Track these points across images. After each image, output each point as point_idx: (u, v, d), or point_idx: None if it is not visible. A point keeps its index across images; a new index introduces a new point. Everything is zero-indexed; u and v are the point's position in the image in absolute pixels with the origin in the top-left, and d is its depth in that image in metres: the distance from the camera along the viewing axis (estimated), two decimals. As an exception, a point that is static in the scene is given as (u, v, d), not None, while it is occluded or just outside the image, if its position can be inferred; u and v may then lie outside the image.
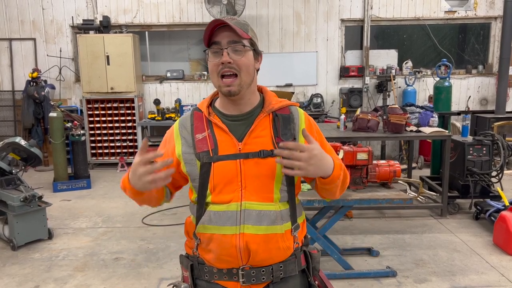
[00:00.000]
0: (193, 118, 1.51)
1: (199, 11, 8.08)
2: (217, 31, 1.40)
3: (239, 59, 1.40)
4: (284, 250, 1.46)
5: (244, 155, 1.41)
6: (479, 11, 8.13)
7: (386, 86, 7.90)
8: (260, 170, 1.41)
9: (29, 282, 3.65)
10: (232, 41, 1.39)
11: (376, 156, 7.72)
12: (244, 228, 1.39)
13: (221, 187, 1.42)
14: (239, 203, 1.40)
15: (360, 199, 3.55)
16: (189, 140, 1.48)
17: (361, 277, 3.63)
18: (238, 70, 1.40)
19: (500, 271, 3.69)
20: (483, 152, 5.07)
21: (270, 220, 1.41)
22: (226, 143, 1.43)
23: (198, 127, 1.48)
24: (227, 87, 1.40)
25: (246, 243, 1.39)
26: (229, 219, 1.40)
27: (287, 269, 1.47)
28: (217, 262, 1.45)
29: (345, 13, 8.14)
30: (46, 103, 7.56)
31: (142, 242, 4.47)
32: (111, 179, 7.18)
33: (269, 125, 1.46)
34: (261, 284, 1.45)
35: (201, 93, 8.31)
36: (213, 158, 1.42)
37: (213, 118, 1.48)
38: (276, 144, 1.43)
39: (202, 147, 1.44)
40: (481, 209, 4.80)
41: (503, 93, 7.71)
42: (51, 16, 8.16)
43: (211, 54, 1.42)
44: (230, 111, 1.48)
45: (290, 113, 1.51)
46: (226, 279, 1.45)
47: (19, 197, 4.27)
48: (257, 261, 1.42)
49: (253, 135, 1.44)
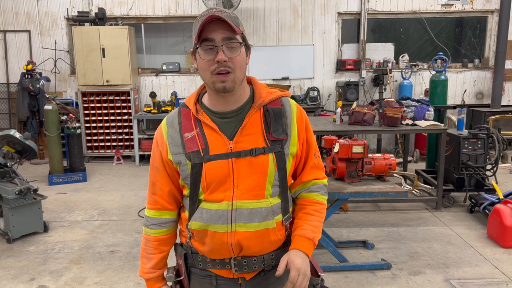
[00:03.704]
0: (181, 116, 1.47)
1: (195, 3, 8.03)
2: (209, 25, 1.32)
3: (235, 58, 1.34)
4: (276, 242, 1.47)
5: (236, 154, 1.38)
6: (476, 4, 8.12)
7: (382, 79, 7.90)
8: (252, 168, 1.39)
9: (24, 274, 3.66)
10: (227, 37, 1.32)
11: (371, 150, 7.74)
12: (236, 227, 1.39)
13: (213, 186, 1.40)
14: (230, 203, 1.39)
15: (356, 192, 3.56)
16: (177, 140, 1.43)
17: (356, 269, 3.65)
18: (233, 68, 1.34)
19: (493, 264, 3.73)
20: (478, 145, 5.09)
21: (261, 216, 1.40)
22: (217, 142, 1.40)
23: (186, 126, 1.44)
24: (222, 83, 1.34)
25: (238, 240, 1.40)
26: (220, 218, 1.39)
27: (279, 256, 1.47)
28: (210, 253, 1.47)
29: (342, 6, 8.11)
30: (41, 96, 7.52)
31: (138, 235, 4.47)
32: (106, 172, 7.16)
33: (260, 121, 1.43)
34: (253, 272, 1.47)
35: (197, 86, 8.26)
36: (204, 158, 1.39)
37: (201, 116, 1.43)
38: (268, 141, 1.40)
39: (192, 147, 1.40)
40: (476, 202, 4.83)
41: (499, 87, 7.72)
42: (46, 8, 8.09)
43: (203, 52, 1.34)
44: (219, 108, 1.43)
45: (282, 107, 1.47)
46: (219, 268, 1.48)
47: (14, 190, 4.25)
48: (249, 253, 1.44)
49: (244, 133, 1.40)
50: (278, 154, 1.42)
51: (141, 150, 7.69)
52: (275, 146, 1.41)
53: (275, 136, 1.42)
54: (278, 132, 1.43)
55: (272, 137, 1.41)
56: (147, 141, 7.66)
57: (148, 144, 7.61)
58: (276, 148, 1.41)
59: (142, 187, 6.20)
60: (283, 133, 1.43)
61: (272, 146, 1.41)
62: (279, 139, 1.42)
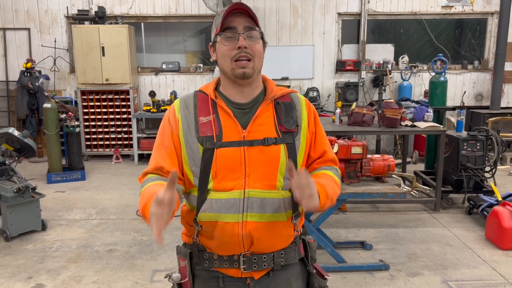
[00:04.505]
0: (197, 99, 1.48)
1: (195, 2, 8.02)
2: (231, 16, 1.39)
3: (254, 45, 1.39)
4: (286, 238, 1.46)
5: (249, 143, 1.39)
6: (476, 6, 8.13)
7: (382, 80, 7.90)
8: (264, 158, 1.40)
9: (22, 273, 3.65)
10: (248, 27, 1.39)
11: (370, 151, 7.74)
12: (247, 216, 1.38)
13: (223, 174, 1.38)
14: (242, 191, 1.38)
15: (354, 193, 3.56)
16: (191, 121, 1.43)
17: (354, 270, 3.65)
18: (253, 56, 1.39)
19: (491, 266, 3.73)
20: (477, 147, 5.10)
21: (273, 207, 1.40)
22: (231, 129, 1.41)
23: (203, 109, 1.45)
24: (242, 69, 1.38)
25: (249, 231, 1.38)
26: (232, 207, 1.37)
27: (288, 256, 1.47)
28: (218, 248, 1.43)
29: (342, 6, 8.11)
30: (40, 94, 7.51)
31: (136, 234, 4.47)
32: (105, 171, 7.15)
33: (272, 113, 1.46)
34: (262, 271, 1.44)
35: (196, 86, 8.27)
36: (216, 144, 1.39)
37: (219, 101, 1.45)
38: (280, 132, 1.43)
39: (206, 131, 1.40)
40: (474, 204, 4.83)
41: (498, 89, 7.73)
42: (46, 6, 8.07)
43: (224, 39, 1.40)
44: (235, 98, 1.46)
45: (291, 100, 1.51)
46: (226, 266, 1.44)
47: (12, 188, 4.25)
48: (260, 248, 1.42)
49: (257, 123, 1.42)
50: (290, 146, 1.43)
51: (140, 149, 7.68)
52: (287, 137, 1.44)
53: (287, 128, 1.44)
54: (289, 124, 1.45)
55: (284, 128, 1.44)
56: (146, 140, 7.65)
57: (147, 143, 7.60)
58: (288, 139, 1.44)
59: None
60: (294, 124, 1.47)
61: (284, 137, 1.43)
62: (290, 130, 1.45)
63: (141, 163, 7.62)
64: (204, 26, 8.31)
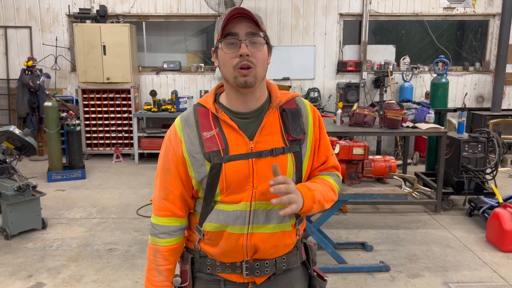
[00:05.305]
0: (197, 114, 1.42)
1: (197, 2, 8.01)
2: (233, 21, 1.31)
3: (257, 52, 1.32)
4: (290, 246, 1.46)
5: (257, 154, 1.35)
6: (478, 8, 8.12)
7: (383, 81, 7.89)
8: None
9: (22, 271, 3.64)
10: (250, 32, 1.31)
11: (371, 152, 7.73)
12: (253, 228, 1.36)
13: (232, 188, 1.36)
14: (249, 203, 1.35)
15: (355, 194, 3.56)
16: (194, 139, 1.38)
17: (355, 271, 3.65)
18: (255, 64, 1.32)
19: (492, 268, 3.72)
20: (478, 149, 5.09)
21: (279, 218, 1.38)
22: (237, 142, 1.36)
23: (204, 125, 1.39)
24: (243, 77, 1.31)
25: (254, 243, 1.37)
26: (238, 219, 1.35)
27: (290, 261, 1.46)
28: (221, 256, 1.42)
29: (343, 7, 8.11)
30: (41, 92, 7.51)
31: (137, 233, 4.47)
32: (106, 169, 7.15)
33: (278, 121, 1.41)
34: (264, 276, 1.44)
35: (197, 85, 8.27)
36: (224, 159, 1.34)
37: (221, 115, 1.39)
38: (287, 141, 1.39)
39: (211, 147, 1.35)
40: (475, 206, 4.82)
41: (500, 90, 7.73)
42: (47, 4, 8.07)
43: (226, 46, 1.32)
44: (239, 108, 1.40)
45: (297, 107, 1.46)
46: (229, 272, 1.43)
47: (12, 186, 4.25)
48: (263, 256, 1.41)
49: (264, 133, 1.38)
50: (297, 154, 1.41)
51: (141, 148, 7.68)
52: (294, 146, 1.40)
53: (294, 136, 1.40)
54: (296, 132, 1.41)
55: (291, 137, 1.40)
56: (147, 140, 7.64)
57: (148, 142, 7.60)
58: (295, 148, 1.40)
59: (141, 186, 6.19)
60: (301, 132, 1.42)
61: (291, 146, 1.40)
62: (297, 138, 1.41)
63: (141, 162, 7.62)
64: (206, 25, 8.31)
